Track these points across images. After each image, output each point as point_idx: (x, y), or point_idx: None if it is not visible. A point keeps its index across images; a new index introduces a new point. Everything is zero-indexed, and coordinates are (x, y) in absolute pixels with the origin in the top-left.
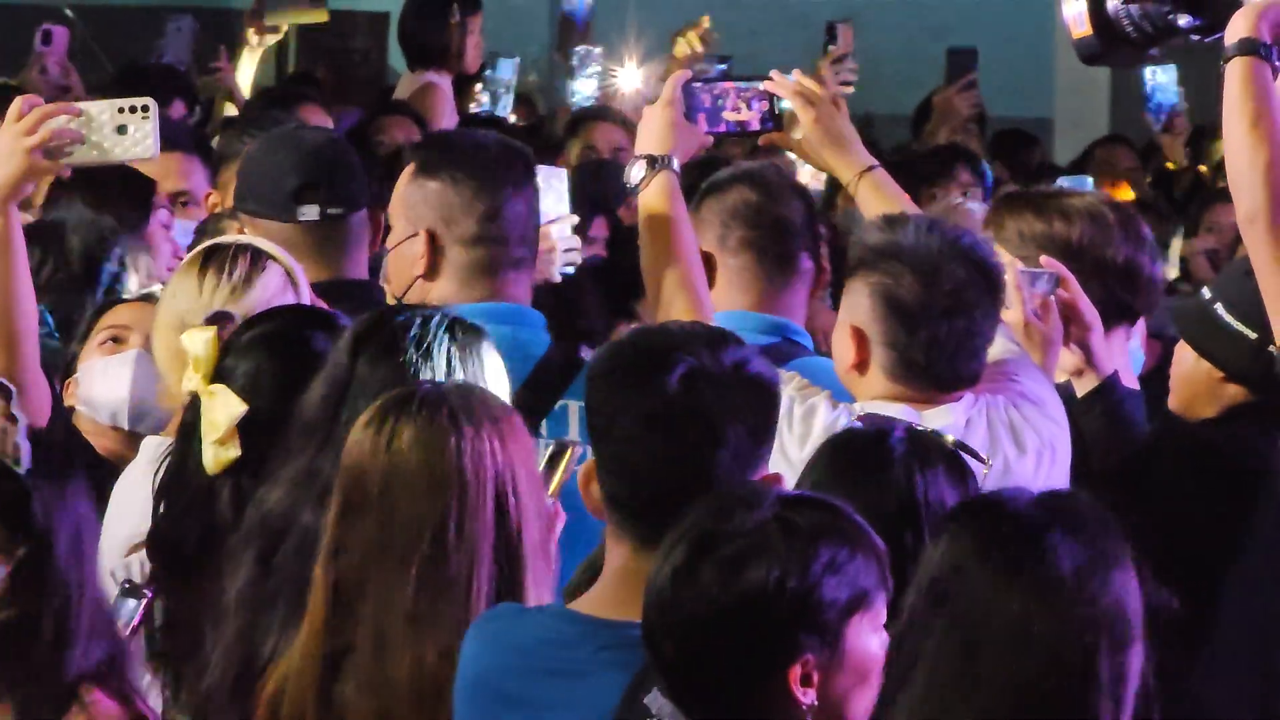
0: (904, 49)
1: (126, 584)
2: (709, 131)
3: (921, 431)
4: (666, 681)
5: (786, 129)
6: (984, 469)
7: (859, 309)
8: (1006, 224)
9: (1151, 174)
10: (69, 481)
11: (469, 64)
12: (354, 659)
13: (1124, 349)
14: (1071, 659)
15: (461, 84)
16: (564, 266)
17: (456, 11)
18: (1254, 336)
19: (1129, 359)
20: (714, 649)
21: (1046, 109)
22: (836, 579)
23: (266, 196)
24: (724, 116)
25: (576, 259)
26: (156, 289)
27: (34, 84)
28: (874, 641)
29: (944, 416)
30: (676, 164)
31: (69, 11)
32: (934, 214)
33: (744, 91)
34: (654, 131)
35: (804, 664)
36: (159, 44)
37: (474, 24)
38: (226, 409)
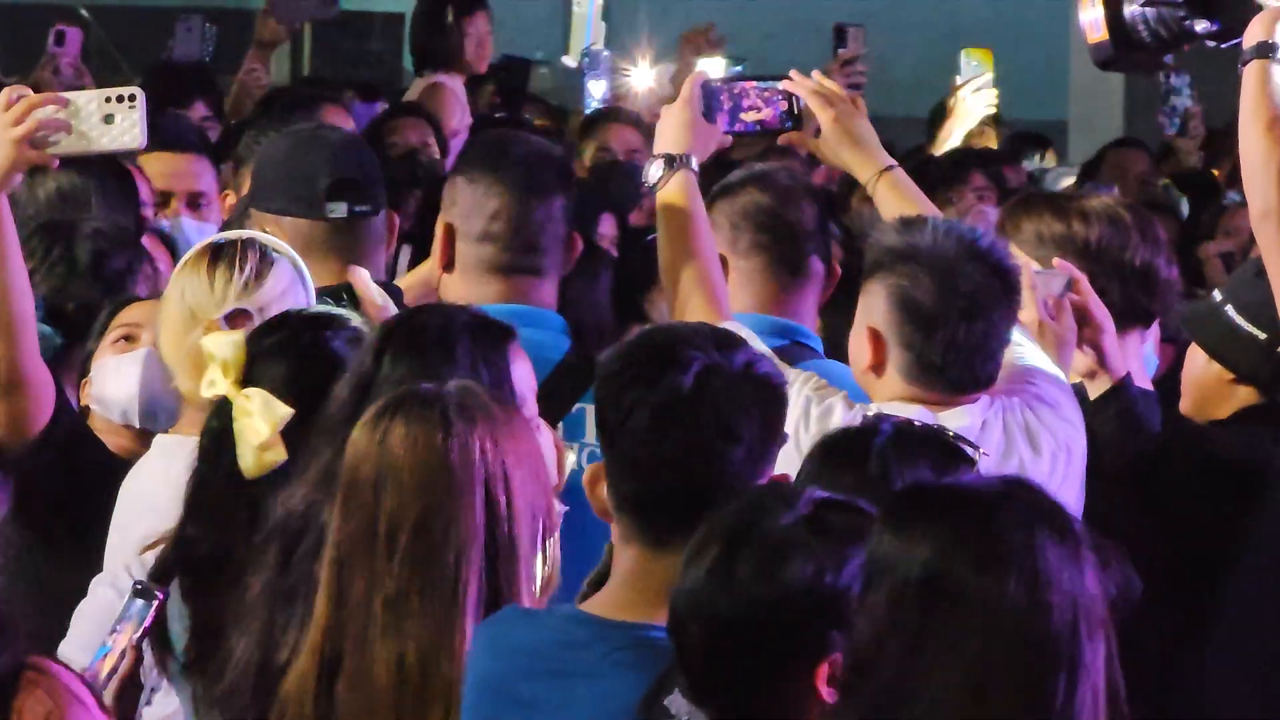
0: (919, 51)
1: (138, 584)
2: (728, 131)
3: (913, 426)
4: (691, 681)
5: (805, 128)
6: (977, 455)
7: (876, 311)
8: (1023, 225)
9: (1166, 177)
10: None
11: (470, 65)
12: (345, 657)
13: (1137, 352)
14: (1070, 652)
15: (476, 85)
16: None
17: (450, 13)
18: (1264, 338)
19: (1142, 362)
20: (747, 646)
21: (1060, 111)
22: None
23: (296, 194)
24: (743, 116)
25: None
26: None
27: (47, 85)
28: None
29: (960, 418)
30: (695, 163)
31: (85, 12)
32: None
33: (763, 91)
34: (672, 130)
35: (832, 663)
36: (169, 45)
37: (471, 25)
38: (271, 412)
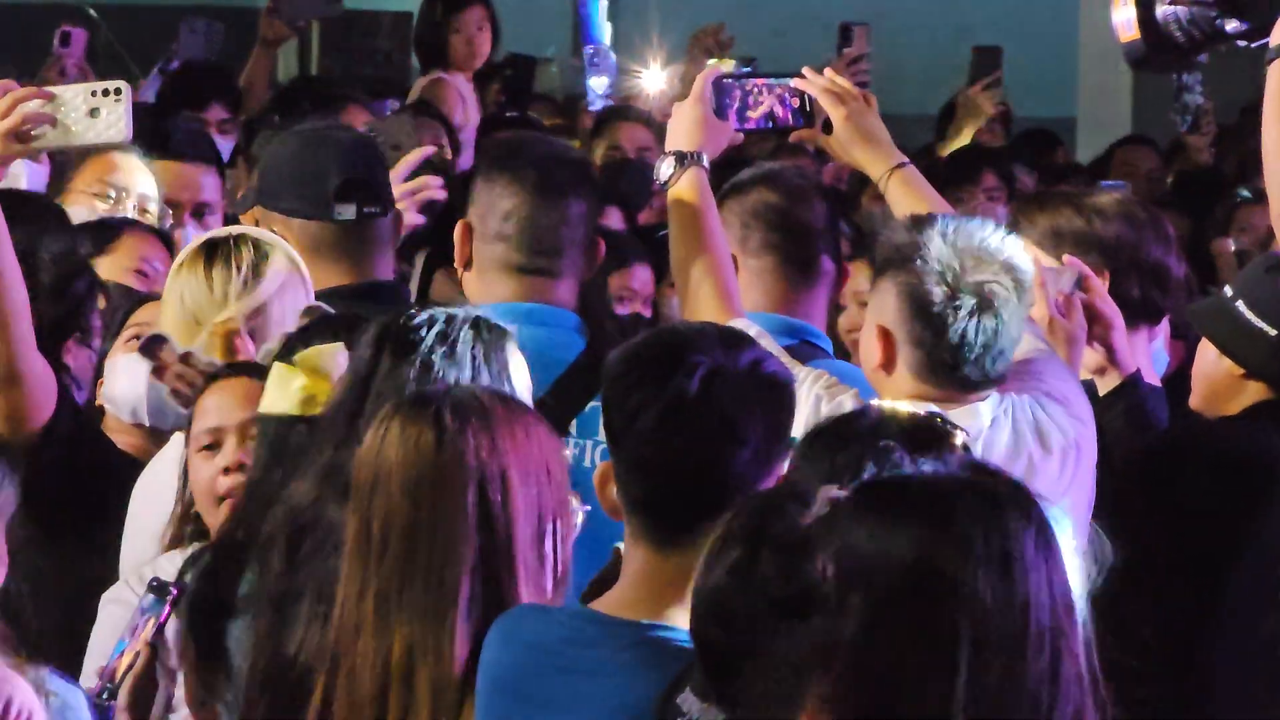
0: (928, 49)
1: (155, 582)
2: (739, 128)
3: (897, 413)
4: (710, 678)
5: (816, 125)
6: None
7: (886, 309)
8: (1039, 220)
9: (1175, 175)
10: None
11: (461, 62)
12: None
13: (1146, 348)
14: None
15: (482, 83)
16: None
17: (439, 11)
18: (1275, 333)
19: (1151, 359)
20: (769, 642)
21: (1069, 109)
22: None
23: (305, 194)
24: (754, 113)
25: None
26: None
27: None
28: None
29: (970, 416)
30: (706, 160)
31: (93, 11)
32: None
33: (775, 88)
34: (683, 128)
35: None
36: (172, 47)
37: (460, 22)
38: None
